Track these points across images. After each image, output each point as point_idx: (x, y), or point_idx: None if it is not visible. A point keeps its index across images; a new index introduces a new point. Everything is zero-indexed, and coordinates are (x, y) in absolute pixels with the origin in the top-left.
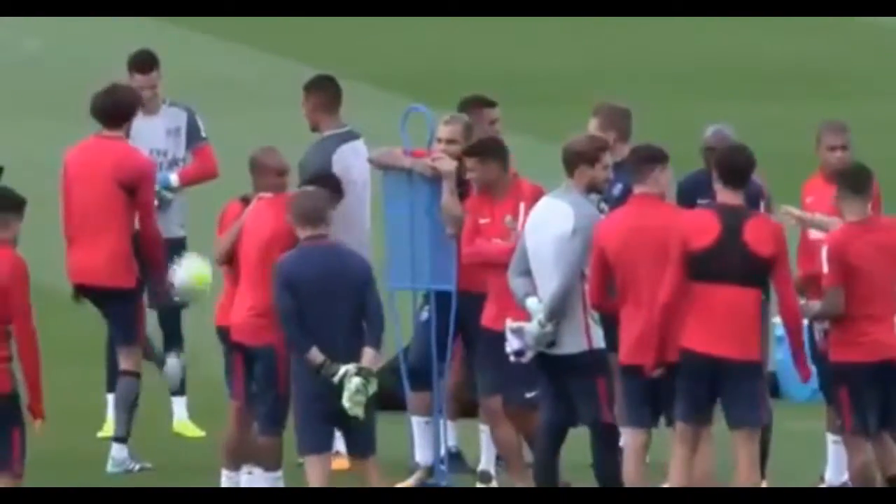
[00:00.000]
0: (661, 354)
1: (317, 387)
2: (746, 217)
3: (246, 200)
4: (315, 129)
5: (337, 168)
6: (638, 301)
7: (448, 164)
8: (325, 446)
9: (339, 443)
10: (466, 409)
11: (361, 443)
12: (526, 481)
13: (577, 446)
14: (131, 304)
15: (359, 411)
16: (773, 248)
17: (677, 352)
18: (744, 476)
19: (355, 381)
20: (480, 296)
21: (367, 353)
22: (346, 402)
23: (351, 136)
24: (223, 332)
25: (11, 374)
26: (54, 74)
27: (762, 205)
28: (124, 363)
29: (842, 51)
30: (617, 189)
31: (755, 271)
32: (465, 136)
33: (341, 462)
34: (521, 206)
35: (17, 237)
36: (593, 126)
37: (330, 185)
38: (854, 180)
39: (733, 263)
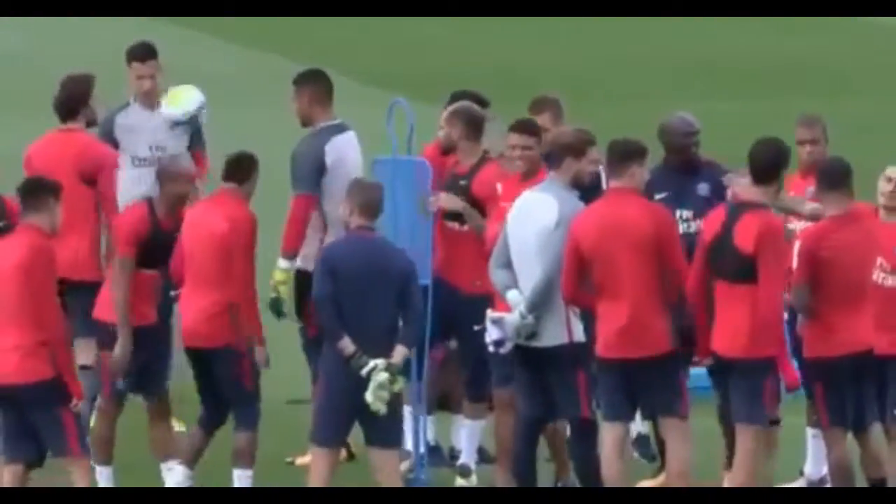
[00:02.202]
0: (703, 345)
1: (344, 380)
2: (743, 213)
3: (150, 203)
4: (307, 123)
5: (330, 159)
6: (616, 295)
7: (453, 202)
8: (337, 441)
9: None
10: (441, 402)
11: (381, 434)
12: (510, 484)
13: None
14: (93, 298)
15: (380, 406)
16: (754, 245)
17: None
18: (732, 473)
19: (381, 377)
20: (470, 294)
21: (399, 351)
22: (368, 396)
23: (343, 127)
24: (104, 327)
25: (53, 358)
26: (37, 72)
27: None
28: (82, 357)
29: (835, 49)
30: None
31: (742, 268)
32: (447, 122)
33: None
34: None
35: (54, 225)
36: (542, 121)
37: (244, 165)
38: (829, 175)
39: (726, 260)
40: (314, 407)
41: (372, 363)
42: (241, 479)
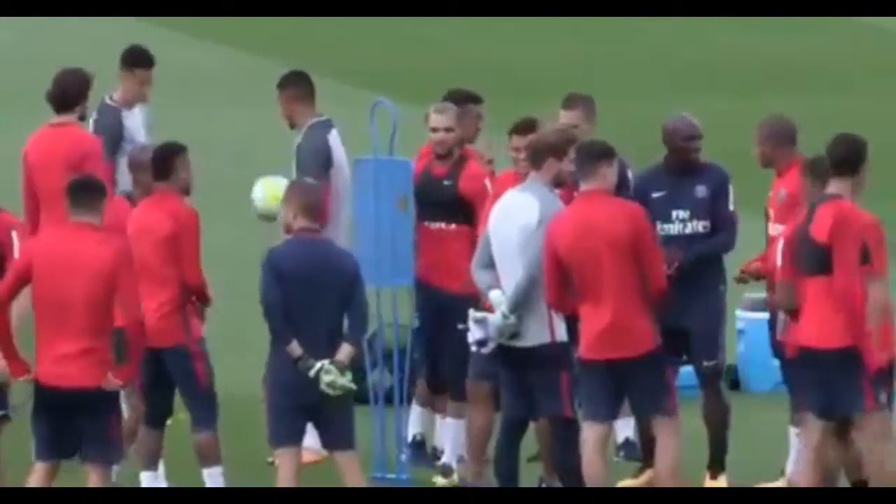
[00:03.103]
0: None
1: (291, 379)
2: (820, 205)
3: (130, 197)
4: (293, 124)
5: (335, 153)
6: (597, 297)
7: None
8: (296, 439)
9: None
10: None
11: (336, 437)
12: (479, 477)
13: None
14: None
15: (345, 384)
16: (829, 234)
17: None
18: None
19: (329, 377)
20: (456, 294)
21: (344, 349)
22: (325, 389)
23: (332, 123)
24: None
25: (106, 366)
26: (19, 68)
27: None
28: None
29: (832, 49)
30: None
31: (819, 259)
32: (458, 124)
33: (309, 455)
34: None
35: (101, 228)
36: (574, 117)
37: (164, 160)
38: (817, 172)
39: (804, 253)
40: (266, 409)
41: (318, 365)
42: (212, 477)
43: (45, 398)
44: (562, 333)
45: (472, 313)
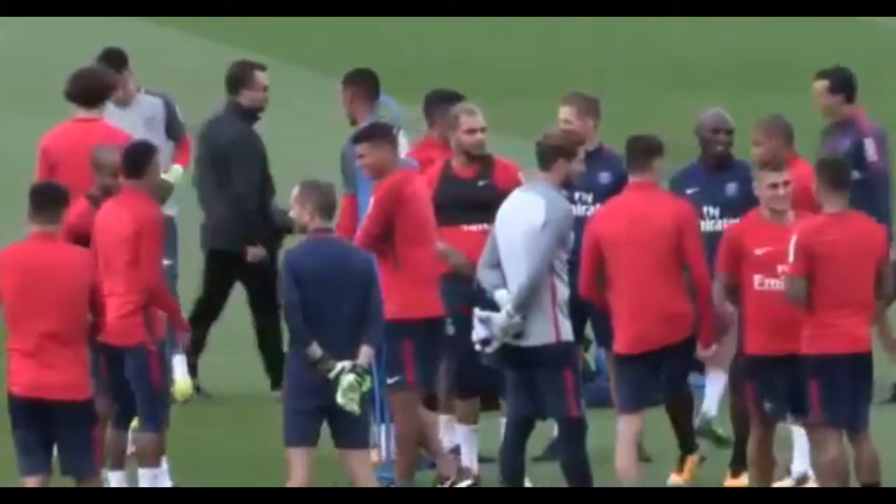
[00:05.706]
0: None
1: (309, 380)
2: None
3: (93, 199)
4: (353, 122)
5: None
6: (633, 287)
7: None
8: (310, 440)
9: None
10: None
11: (350, 435)
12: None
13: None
14: None
15: (354, 407)
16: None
17: None
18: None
19: (349, 379)
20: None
21: (364, 351)
22: (340, 399)
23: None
24: None
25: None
26: (17, 68)
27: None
28: None
29: (820, 48)
30: (605, 178)
31: None
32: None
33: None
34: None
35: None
36: (570, 113)
37: (135, 159)
38: (832, 173)
39: None
40: (283, 408)
41: (339, 366)
42: (144, 477)
43: (25, 411)
44: (567, 333)
45: (477, 312)
